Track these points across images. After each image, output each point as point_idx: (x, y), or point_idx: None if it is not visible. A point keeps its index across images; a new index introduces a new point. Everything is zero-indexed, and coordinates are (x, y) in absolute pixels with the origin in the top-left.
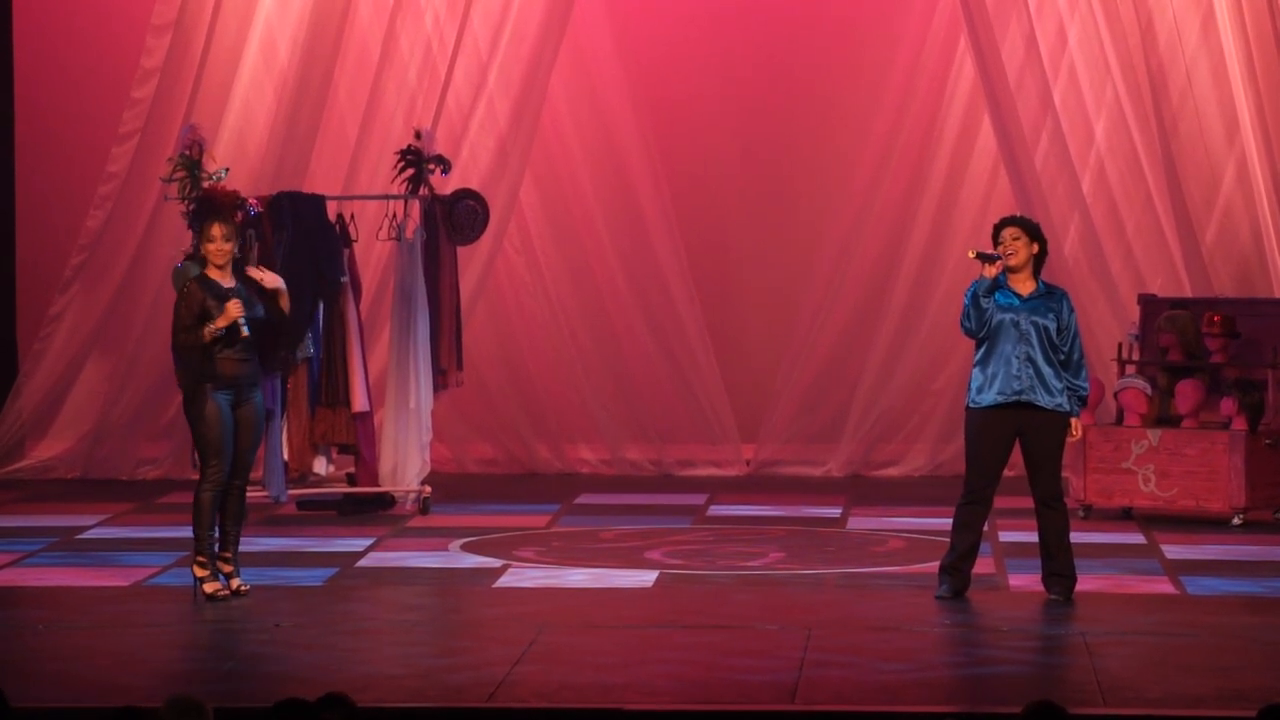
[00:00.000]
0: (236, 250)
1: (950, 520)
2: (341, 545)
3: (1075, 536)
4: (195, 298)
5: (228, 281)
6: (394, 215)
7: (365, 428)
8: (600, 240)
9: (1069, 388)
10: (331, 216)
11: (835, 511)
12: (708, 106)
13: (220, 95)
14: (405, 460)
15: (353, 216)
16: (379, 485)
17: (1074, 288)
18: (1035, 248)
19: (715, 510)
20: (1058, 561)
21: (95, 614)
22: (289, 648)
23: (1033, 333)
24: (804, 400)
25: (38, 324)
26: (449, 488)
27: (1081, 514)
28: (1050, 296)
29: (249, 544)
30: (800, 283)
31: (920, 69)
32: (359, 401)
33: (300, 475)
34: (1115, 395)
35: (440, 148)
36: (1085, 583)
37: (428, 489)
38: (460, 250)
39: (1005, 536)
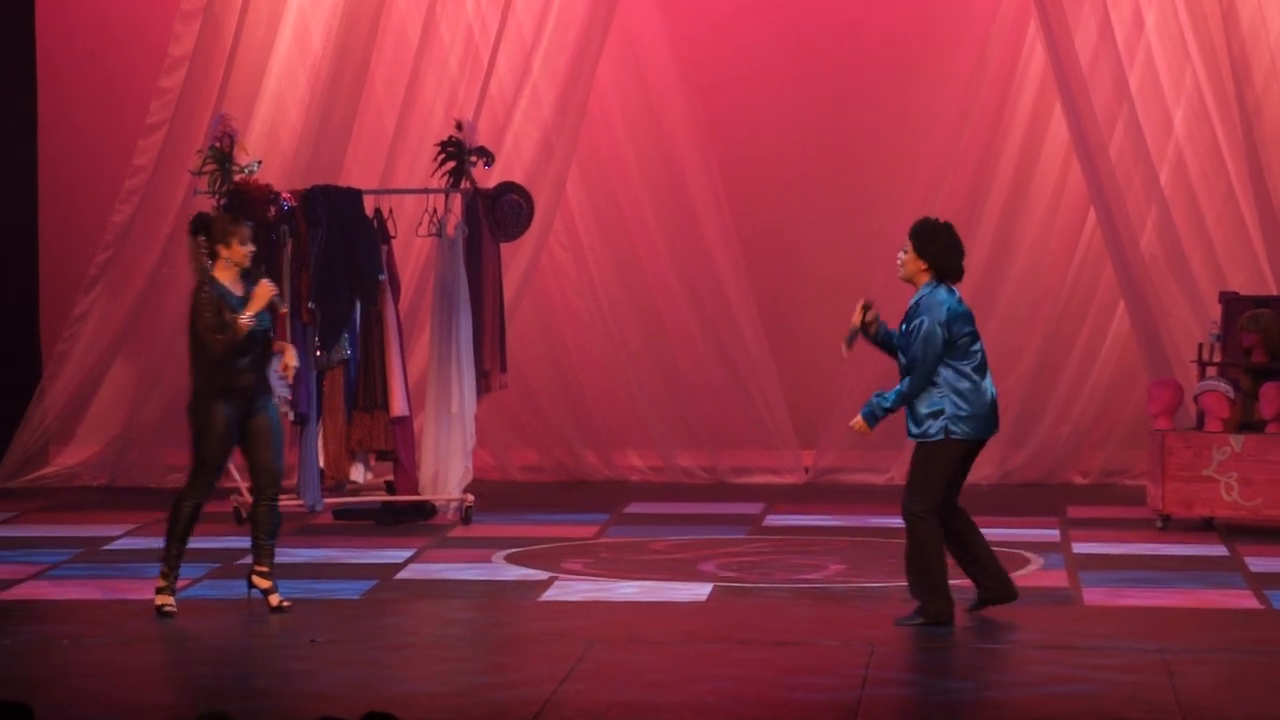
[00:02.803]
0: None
1: (1022, 531)
2: (380, 557)
3: (1153, 548)
4: (214, 296)
5: (238, 289)
6: (434, 210)
7: (404, 433)
8: (650, 235)
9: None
10: (369, 211)
11: (899, 522)
12: (764, 93)
13: (252, 84)
14: (447, 467)
15: (391, 211)
16: (419, 494)
17: (1151, 285)
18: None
19: (772, 520)
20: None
21: (123, 629)
22: (325, 664)
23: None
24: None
25: (61, 324)
26: (492, 496)
27: (1160, 524)
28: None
29: (283, 555)
30: (862, 277)
31: (988, 54)
32: (398, 405)
33: (336, 483)
34: (1195, 399)
35: (482, 139)
36: (1164, 597)
37: (470, 497)
38: (504, 246)
39: (1079, 548)
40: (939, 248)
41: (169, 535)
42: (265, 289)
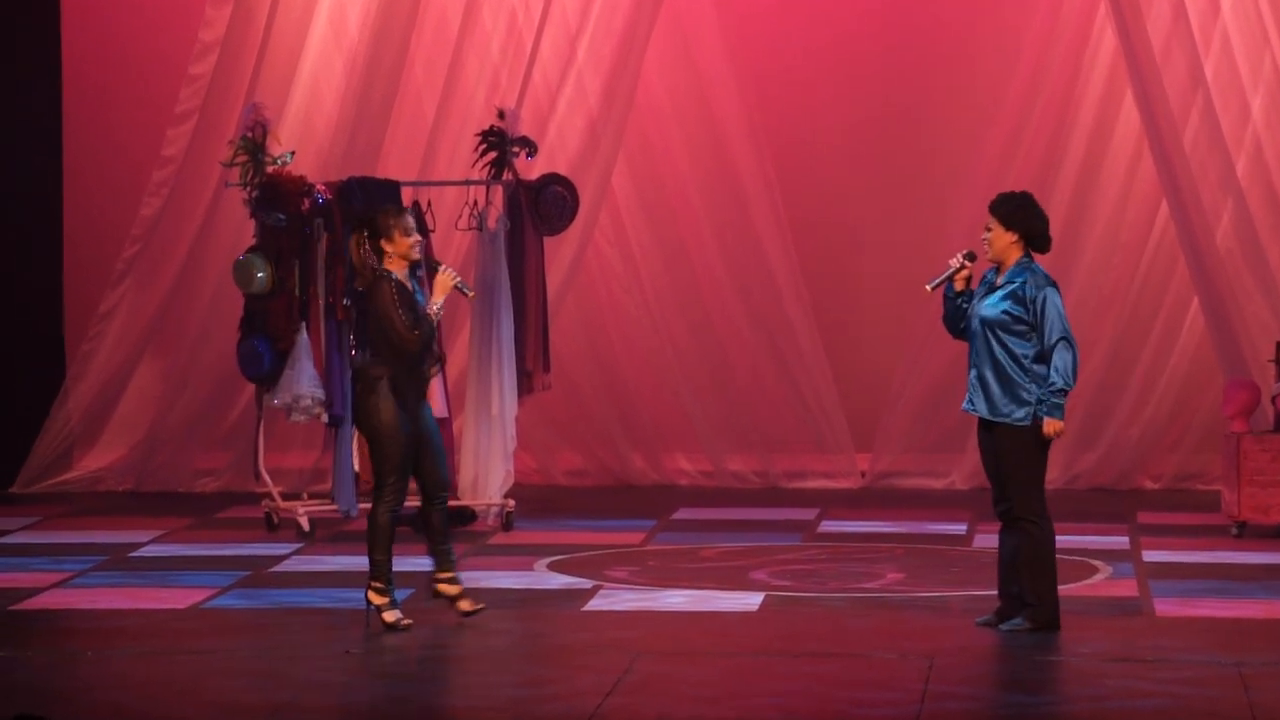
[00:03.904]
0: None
1: (1090, 538)
2: (418, 564)
3: (1229, 556)
4: (400, 292)
5: (408, 284)
6: (475, 203)
7: (443, 435)
8: (700, 229)
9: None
10: (407, 204)
11: (959, 528)
12: (819, 78)
13: (286, 71)
14: (487, 471)
15: (429, 204)
16: (458, 498)
17: (1227, 280)
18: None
19: (827, 526)
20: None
21: (149, 639)
22: (360, 676)
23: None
24: (925, 405)
25: (87, 322)
26: (534, 501)
27: (1235, 531)
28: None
29: (315, 562)
30: (921, 273)
31: (1056, 38)
32: (437, 407)
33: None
34: (1273, 400)
35: (526, 128)
36: (1239, 608)
37: (511, 503)
38: (547, 241)
39: (1150, 556)
40: (1027, 214)
41: (375, 550)
42: (447, 277)
